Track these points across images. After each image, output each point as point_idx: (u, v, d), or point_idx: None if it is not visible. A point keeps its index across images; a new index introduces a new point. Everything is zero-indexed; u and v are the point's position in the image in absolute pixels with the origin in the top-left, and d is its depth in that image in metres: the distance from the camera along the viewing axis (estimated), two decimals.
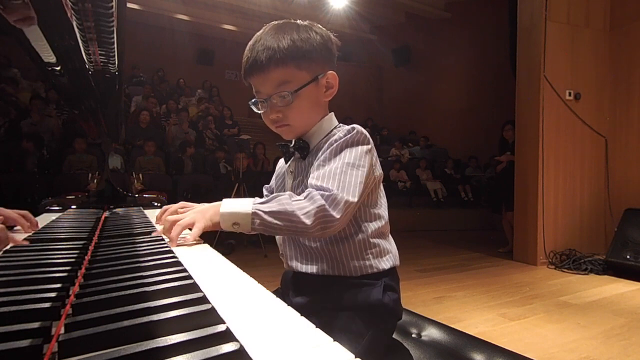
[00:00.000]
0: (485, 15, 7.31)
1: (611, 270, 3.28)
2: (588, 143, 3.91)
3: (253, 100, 0.85)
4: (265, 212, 0.68)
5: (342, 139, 0.77)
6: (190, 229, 0.73)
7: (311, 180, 0.75)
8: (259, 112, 0.85)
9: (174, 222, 0.74)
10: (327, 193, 0.69)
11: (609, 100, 3.98)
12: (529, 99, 3.75)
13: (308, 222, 0.67)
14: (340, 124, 0.88)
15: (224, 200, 0.73)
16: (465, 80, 8.07)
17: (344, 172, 0.73)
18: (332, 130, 0.86)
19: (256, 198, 0.73)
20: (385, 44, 9.57)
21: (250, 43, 0.81)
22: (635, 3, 3.78)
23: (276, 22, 0.82)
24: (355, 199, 0.71)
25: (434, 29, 8.62)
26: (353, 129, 0.79)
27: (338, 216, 0.69)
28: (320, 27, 0.85)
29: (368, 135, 0.80)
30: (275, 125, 0.84)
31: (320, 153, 0.79)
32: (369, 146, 0.79)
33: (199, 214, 0.74)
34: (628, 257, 3.18)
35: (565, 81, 3.75)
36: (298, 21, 0.83)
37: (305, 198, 0.70)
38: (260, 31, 0.82)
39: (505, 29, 4.86)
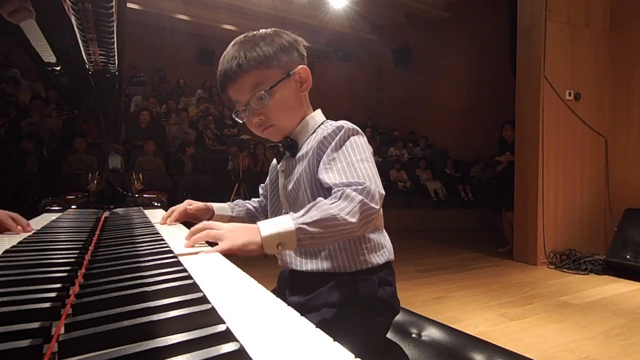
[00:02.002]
0: (485, 15, 7.30)
1: (611, 270, 3.28)
2: (588, 143, 3.91)
3: (234, 111, 0.87)
4: (308, 224, 0.64)
5: (338, 137, 0.78)
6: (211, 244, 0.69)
7: (330, 180, 0.73)
8: (242, 121, 0.87)
9: (205, 229, 0.70)
10: (360, 187, 0.69)
11: (609, 100, 3.97)
12: (529, 99, 3.75)
13: (354, 220, 0.66)
14: (327, 120, 0.88)
15: (259, 223, 0.67)
16: (465, 80, 8.06)
17: (361, 167, 0.74)
18: (319, 126, 0.86)
19: (291, 213, 0.68)
20: (385, 44, 9.56)
21: (220, 60, 0.84)
22: (635, 3, 3.77)
23: (239, 37, 0.85)
24: (383, 191, 0.72)
25: (434, 29, 8.61)
26: (342, 127, 0.79)
27: (377, 207, 0.69)
28: (288, 32, 0.87)
29: (357, 127, 0.82)
30: (260, 129, 0.86)
31: (311, 151, 0.80)
32: (364, 137, 0.82)
33: (230, 233, 0.67)
34: (628, 257, 3.18)
35: (565, 81, 3.75)
36: (261, 30, 0.85)
37: (340, 199, 0.67)
38: (227, 48, 0.85)
39: (505, 29, 4.86)
